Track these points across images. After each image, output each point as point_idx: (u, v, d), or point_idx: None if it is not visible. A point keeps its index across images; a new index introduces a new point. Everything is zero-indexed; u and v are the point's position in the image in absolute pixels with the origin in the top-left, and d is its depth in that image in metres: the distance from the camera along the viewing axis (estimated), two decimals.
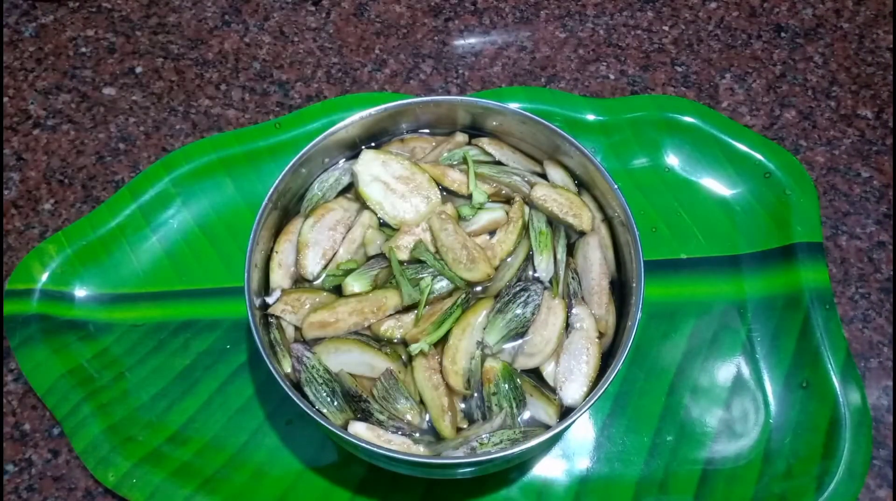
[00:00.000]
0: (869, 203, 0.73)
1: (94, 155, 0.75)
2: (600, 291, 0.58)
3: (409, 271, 0.57)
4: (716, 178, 0.72)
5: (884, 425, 0.65)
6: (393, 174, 0.60)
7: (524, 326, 0.56)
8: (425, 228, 0.59)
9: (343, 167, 0.63)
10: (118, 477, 0.62)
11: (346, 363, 0.55)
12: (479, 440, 0.53)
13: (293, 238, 0.60)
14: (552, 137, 0.60)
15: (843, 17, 0.82)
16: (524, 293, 0.56)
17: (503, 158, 0.63)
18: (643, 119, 0.73)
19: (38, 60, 0.80)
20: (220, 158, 0.72)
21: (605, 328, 0.57)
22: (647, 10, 0.83)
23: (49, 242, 0.69)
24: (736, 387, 0.65)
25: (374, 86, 0.78)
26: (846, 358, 0.64)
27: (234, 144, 0.73)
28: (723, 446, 0.64)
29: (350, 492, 0.62)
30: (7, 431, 0.65)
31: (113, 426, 0.64)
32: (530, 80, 0.79)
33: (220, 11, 0.82)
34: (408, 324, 0.57)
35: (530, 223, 0.60)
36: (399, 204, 0.60)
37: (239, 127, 0.76)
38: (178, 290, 0.69)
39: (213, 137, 0.73)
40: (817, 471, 0.62)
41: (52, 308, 0.68)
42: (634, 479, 0.63)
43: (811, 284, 0.67)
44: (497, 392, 0.54)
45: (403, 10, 0.82)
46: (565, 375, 0.56)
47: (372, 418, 0.54)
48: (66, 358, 0.66)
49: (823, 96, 0.78)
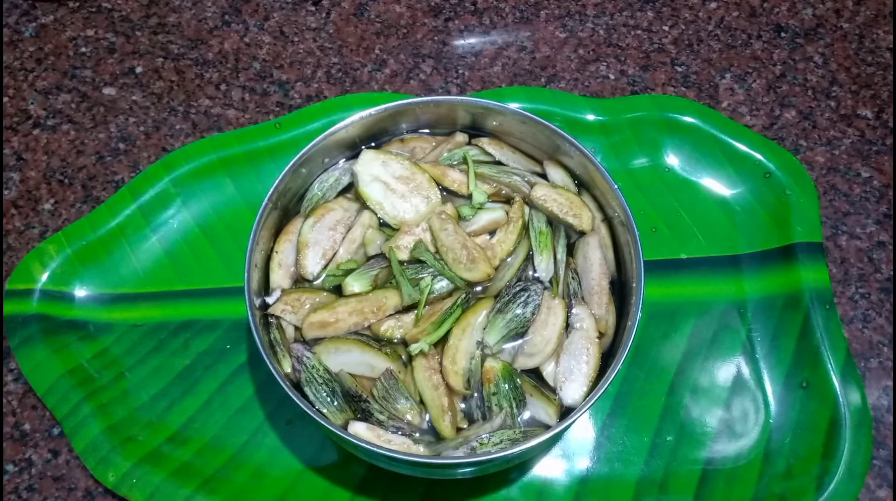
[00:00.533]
0: (869, 203, 0.73)
1: (94, 155, 0.75)
2: (600, 291, 0.58)
3: (409, 271, 0.57)
4: (716, 178, 0.72)
5: (884, 425, 0.65)
6: (393, 174, 0.60)
7: (524, 326, 0.56)
8: (425, 228, 0.59)
9: (343, 167, 0.63)
10: (118, 477, 0.62)
11: (346, 363, 0.55)
12: (479, 440, 0.53)
13: (293, 238, 0.60)
14: (552, 137, 0.60)
15: (843, 17, 0.82)
16: (524, 293, 0.57)
17: (503, 158, 0.63)
18: (643, 119, 0.73)
19: (38, 60, 0.80)
20: (220, 158, 0.72)
21: (605, 327, 0.57)
22: (647, 10, 0.83)
23: (49, 242, 0.69)
24: (736, 387, 0.65)
25: (374, 86, 0.78)
26: (846, 358, 0.64)
27: (234, 144, 0.73)
28: (723, 446, 0.64)
29: (350, 492, 0.62)
30: (7, 431, 0.65)
31: (113, 426, 0.64)
32: (530, 80, 0.79)
33: (220, 11, 0.82)
34: (408, 324, 0.57)
35: (530, 223, 0.60)
36: (399, 204, 0.60)
37: (239, 127, 0.76)
38: (178, 290, 0.69)
39: (213, 137, 0.73)
40: (817, 471, 0.62)
41: (52, 308, 0.68)
42: (634, 479, 0.63)
43: (811, 284, 0.67)
44: (497, 392, 0.54)
45: (403, 10, 0.82)
46: (565, 375, 0.56)
47: (372, 418, 0.54)
48: (66, 358, 0.66)
49: (823, 96, 0.78)
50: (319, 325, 0.56)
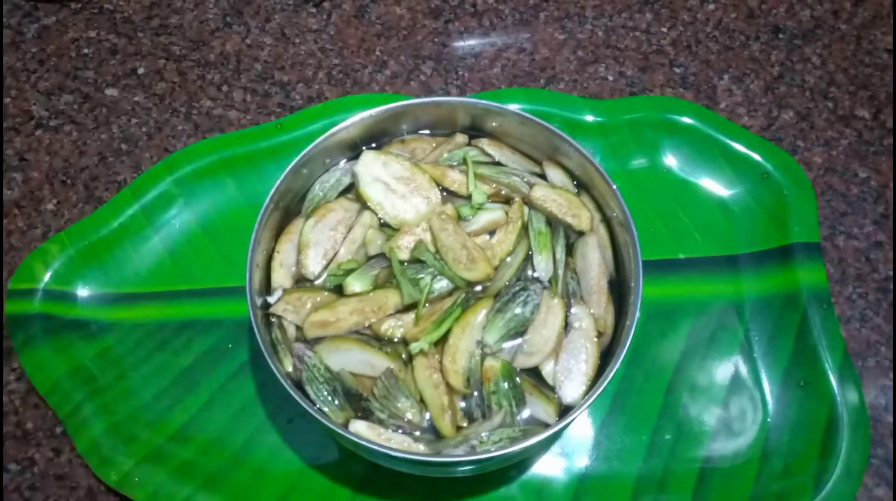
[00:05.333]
0: (866, 203, 0.73)
1: (96, 156, 0.76)
2: (599, 290, 0.58)
3: (410, 271, 0.58)
4: (714, 178, 0.73)
5: (881, 424, 0.65)
6: (393, 175, 0.61)
7: (523, 325, 0.57)
8: (425, 228, 0.59)
9: (344, 168, 0.63)
10: (120, 476, 0.62)
11: (347, 362, 0.56)
12: (479, 438, 0.53)
13: (294, 238, 0.60)
14: (551, 137, 0.61)
15: (840, 18, 0.83)
16: (523, 293, 0.57)
17: (503, 158, 0.64)
18: (642, 120, 0.74)
19: (41, 61, 0.80)
20: (222, 159, 0.72)
21: (603, 327, 0.58)
22: (646, 11, 0.83)
23: (51, 242, 0.69)
24: (734, 386, 0.66)
25: (375, 87, 0.79)
26: (844, 357, 0.65)
27: (235, 145, 0.73)
28: (721, 444, 0.64)
29: (351, 490, 0.62)
30: (9, 430, 0.65)
31: (115, 425, 0.64)
32: (529, 81, 0.79)
33: (221, 13, 0.83)
34: (408, 323, 0.57)
35: (529, 223, 0.60)
36: (399, 204, 0.60)
37: (241, 128, 0.76)
38: (179, 290, 0.70)
39: (214, 138, 0.73)
40: (815, 470, 0.62)
41: (55, 308, 0.68)
42: (633, 477, 0.63)
43: (809, 283, 0.67)
44: (496, 391, 0.55)
45: (404, 12, 0.83)
46: (564, 374, 0.56)
47: (372, 416, 0.54)
48: (69, 358, 0.66)
49: (821, 97, 0.78)
50: (320, 324, 0.56)
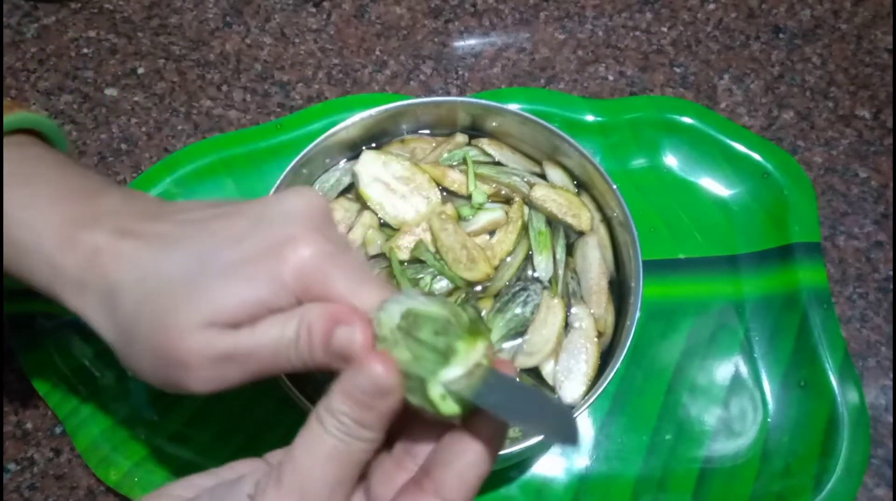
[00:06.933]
0: (867, 203, 0.73)
1: (96, 155, 0.76)
2: (599, 290, 0.58)
3: (410, 271, 0.58)
4: (714, 178, 0.73)
5: (881, 424, 0.65)
6: (393, 175, 0.61)
7: (523, 325, 0.57)
8: (425, 228, 0.59)
9: (344, 168, 0.63)
10: (120, 476, 0.62)
11: None
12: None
13: None
14: (551, 137, 0.61)
15: (841, 18, 0.83)
16: (523, 293, 0.57)
17: (503, 158, 0.64)
18: (642, 120, 0.74)
19: (40, 61, 0.80)
20: (222, 159, 0.72)
21: (603, 327, 0.58)
22: (646, 11, 0.83)
23: None
24: (734, 386, 0.66)
25: (375, 87, 0.79)
26: (844, 357, 0.65)
27: (235, 145, 0.73)
28: (721, 444, 0.64)
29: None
30: (9, 430, 0.65)
31: (114, 425, 0.64)
32: (529, 81, 0.79)
33: (221, 13, 0.83)
34: None
35: (529, 223, 0.60)
36: (399, 204, 0.60)
37: (240, 128, 0.76)
38: None
39: (214, 138, 0.73)
40: (815, 470, 0.62)
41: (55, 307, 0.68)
42: (633, 477, 0.63)
43: (809, 283, 0.67)
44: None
45: (404, 12, 0.83)
46: (564, 374, 0.56)
47: None
48: (69, 358, 0.66)
49: (821, 97, 0.78)
50: None
